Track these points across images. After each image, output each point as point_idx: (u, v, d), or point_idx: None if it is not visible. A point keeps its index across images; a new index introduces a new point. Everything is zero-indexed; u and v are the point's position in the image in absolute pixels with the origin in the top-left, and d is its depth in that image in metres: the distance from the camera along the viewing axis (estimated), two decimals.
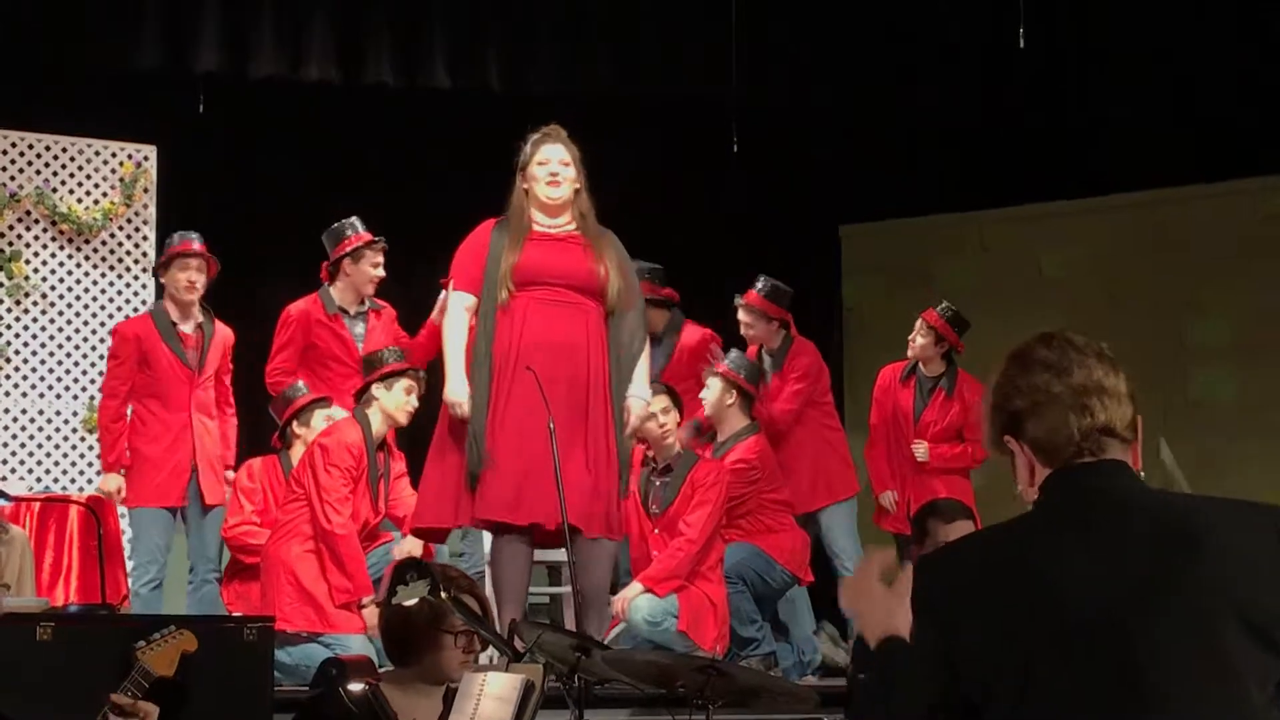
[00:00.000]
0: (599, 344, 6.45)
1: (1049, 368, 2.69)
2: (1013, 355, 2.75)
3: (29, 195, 9.38)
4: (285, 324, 8.27)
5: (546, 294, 6.43)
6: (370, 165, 10.90)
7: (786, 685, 5.81)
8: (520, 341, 6.37)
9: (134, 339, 7.94)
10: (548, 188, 6.50)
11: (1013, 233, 11.41)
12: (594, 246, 6.52)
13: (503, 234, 6.52)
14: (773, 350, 8.80)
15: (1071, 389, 2.67)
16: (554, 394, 6.25)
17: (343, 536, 7.29)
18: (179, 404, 7.92)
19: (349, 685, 4.52)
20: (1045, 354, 2.70)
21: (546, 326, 6.39)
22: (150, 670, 3.56)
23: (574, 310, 6.44)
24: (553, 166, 6.52)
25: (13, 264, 9.31)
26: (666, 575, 7.54)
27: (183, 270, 7.96)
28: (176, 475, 7.89)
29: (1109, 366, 2.70)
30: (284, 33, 10.12)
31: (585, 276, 6.47)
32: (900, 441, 8.92)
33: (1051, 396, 2.67)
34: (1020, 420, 2.71)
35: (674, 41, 10.84)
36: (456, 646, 4.44)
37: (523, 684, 4.14)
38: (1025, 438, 2.71)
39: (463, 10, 10.46)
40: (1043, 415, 2.68)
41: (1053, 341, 2.72)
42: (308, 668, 6.90)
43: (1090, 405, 2.66)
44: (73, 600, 8.09)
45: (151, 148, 9.69)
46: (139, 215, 9.62)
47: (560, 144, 6.57)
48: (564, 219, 6.56)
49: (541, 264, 6.44)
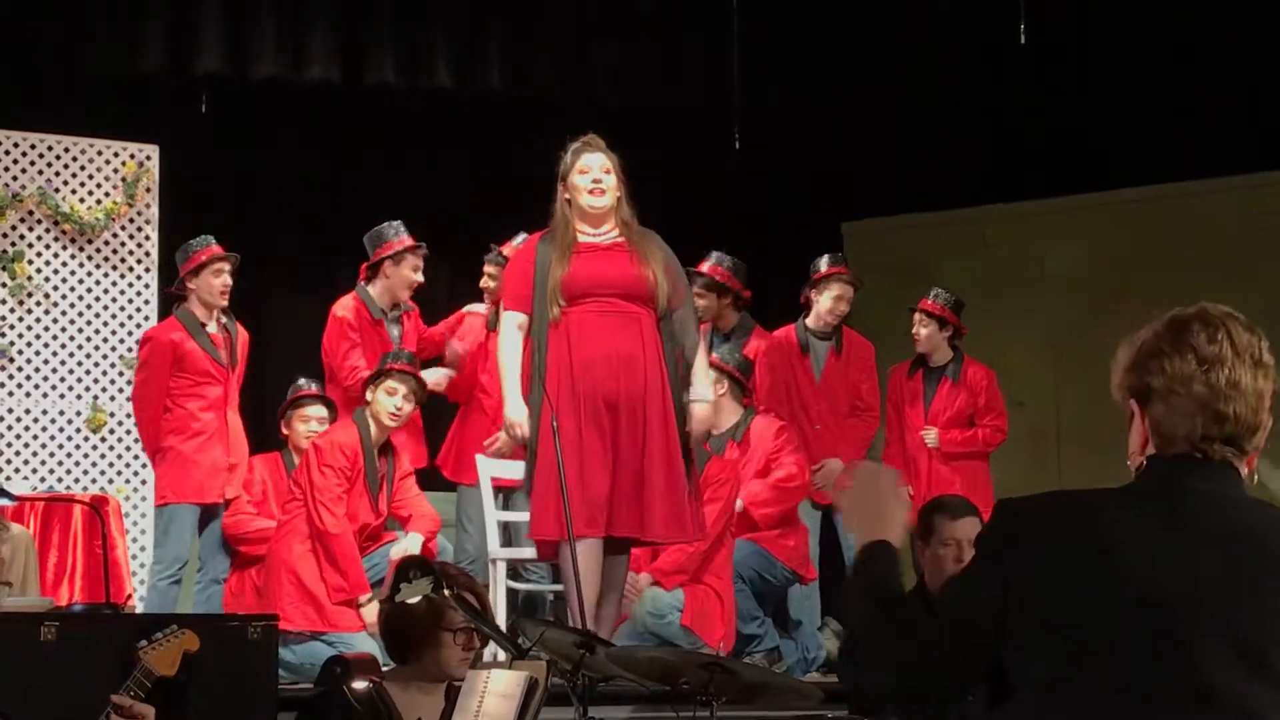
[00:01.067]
0: (654, 351, 6.43)
1: (1200, 359, 2.58)
2: (1172, 323, 2.64)
3: (31, 195, 9.38)
4: (343, 325, 8.21)
5: (597, 306, 6.41)
6: (372, 165, 10.90)
7: (790, 682, 5.80)
8: (574, 357, 6.35)
9: (168, 343, 7.93)
10: (590, 197, 6.48)
11: (1016, 229, 11.39)
12: (640, 251, 6.49)
13: (549, 248, 6.50)
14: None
15: (1211, 389, 2.58)
16: (614, 406, 6.30)
17: (336, 536, 7.31)
18: (215, 402, 7.96)
19: (353, 683, 4.53)
20: (1201, 341, 2.60)
21: (600, 340, 6.37)
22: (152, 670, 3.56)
23: (626, 320, 6.42)
24: (594, 174, 6.51)
25: (15, 264, 9.31)
26: (675, 569, 7.55)
27: (217, 275, 7.98)
28: (215, 473, 7.92)
29: (1259, 373, 2.60)
30: (286, 33, 10.12)
31: (635, 284, 6.44)
32: (914, 434, 8.89)
33: (1189, 391, 2.58)
34: (1150, 395, 2.62)
35: (676, 39, 10.84)
36: (456, 643, 4.45)
37: (526, 681, 4.14)
38: (1149, 413, 2.63)
39: (464, 10, 10.46)
40: (1173, 404, 2.59)
41: (1217, 331, 2.61)
42: (312, 666, 6.90)
43: (1224, 412, 2.57)
44: (77, 600, 8.09)
45: (154, 147, 9.68)
46: (141, 215, 9.62)
47: (601, 152, 6.56)
48: (607, 227, 6.54)
49: (590, 275, 6.42)
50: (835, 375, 8.79)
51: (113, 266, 9.54)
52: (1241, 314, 2.65)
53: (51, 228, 9.43)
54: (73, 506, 8.39)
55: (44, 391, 9.37)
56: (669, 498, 6.35)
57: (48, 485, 9.16)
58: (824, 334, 8.85)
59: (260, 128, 10.79)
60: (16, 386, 9.32)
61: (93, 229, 9.46)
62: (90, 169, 9.54)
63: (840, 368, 8.80)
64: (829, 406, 8.76)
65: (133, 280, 9.56)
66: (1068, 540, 2.56)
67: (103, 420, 9.40)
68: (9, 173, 9.39)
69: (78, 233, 9.45)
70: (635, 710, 6.40)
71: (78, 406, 9.40)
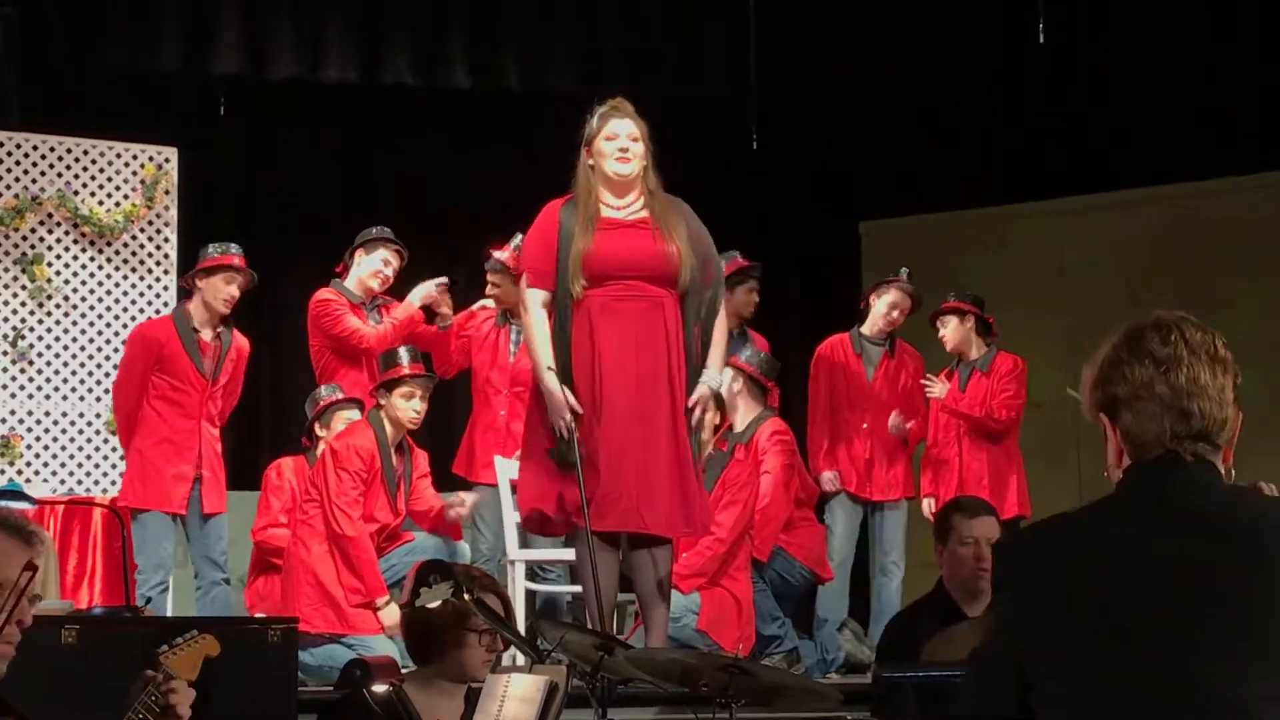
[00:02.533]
0: (677, 339, 6.16)
1: (1157, 362, 2.66)
2: (1127, 334, 2.71)
3: (50, 198, 9.40)
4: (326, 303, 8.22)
5: (619, 289, 6.12)
6: (390, 165, 10.91)
7: (809, 684, 5.79)
8: (596, 348, 6.10)
9: (153, 342, 7.88)
10: (616, 164, 6.18)
11: (1034, 228, 11.38)
12: (663, 227, 6.19)
13: (571, 215, 6.20)
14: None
15: (1173, 390, 2.65)
16: (640, 395, 6.07)
17: (353, 539, 7.29)
18: (190, 411, 7.83)
19: (373, 686, 4.53)
20: (1156, 345, 2.67)
21: (622, 330, 6.11)
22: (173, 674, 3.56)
23: (649, 306, 6.13)
24: (621, 142, 6.21)
25: (35, 266, 9.33)
26: (693, 572, 7.52)
27: (228, 283, 7.88)
28: (179, 482, 7.77)
29: (1218, 368, 2.68)
30: (303, 34, 10.15)
31: (660, 263, 6.15)
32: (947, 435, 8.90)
33: (1152, 394, 2.65)
34: (1116, 406, 2.69)
35: (693, 39, 10.84)
36: (480, 645, 4.45)
37: (546, 685, 4.15)
38: (1119, 424, 2.70)
39: (481, 10, 10.48)
40: (1139, 410, 2.67)
41: (1170, 334, 2.68)
42: (331, 668, 6.90)
43: (1188, 410, 2.65)
44: (97, 603, 8.10)
45: (172, 150, 9.69)
46: (160, 217, 9.63)
47: (629, 118, 6.27)
48: (632, 197, 6.25)
49: (613, 255, 6.12)
50: (886, 377, 8.83)
51: (131, 269, 9.55)
52: (1194, 316, 2.72)
53: (70, 230, 9.45)
54: (92, 509, 8.40)
55: (63, 394, 9.38)
56: (677, 494, 6.10)
57: (67, 488, 9.18)
58: (877, 341, 8.88)
59: (278, 129, 10.80)
60: (36, 389, 9.33)
61: (111, 231, 9.47)
62: (109, 171, 9.56)
63: (893, 370, 8.84)
64: (879, 406, 8.78)
65: (151, 282, 9.58)
66: (1060, 566, 2.64)
67: None
68: (28, 175, 9.41)
69: (96, 235, 9.46)
70: (655, 713, 6.40)
71: (97, 409, 9.41)
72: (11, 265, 9.33)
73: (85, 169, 9.52)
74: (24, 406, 9.31)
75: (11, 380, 9.30)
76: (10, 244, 9.33)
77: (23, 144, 9.45)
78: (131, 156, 9.62)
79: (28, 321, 9.33)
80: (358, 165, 10.93)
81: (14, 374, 9.30)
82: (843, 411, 8.81)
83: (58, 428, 9.35)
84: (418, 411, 7.59)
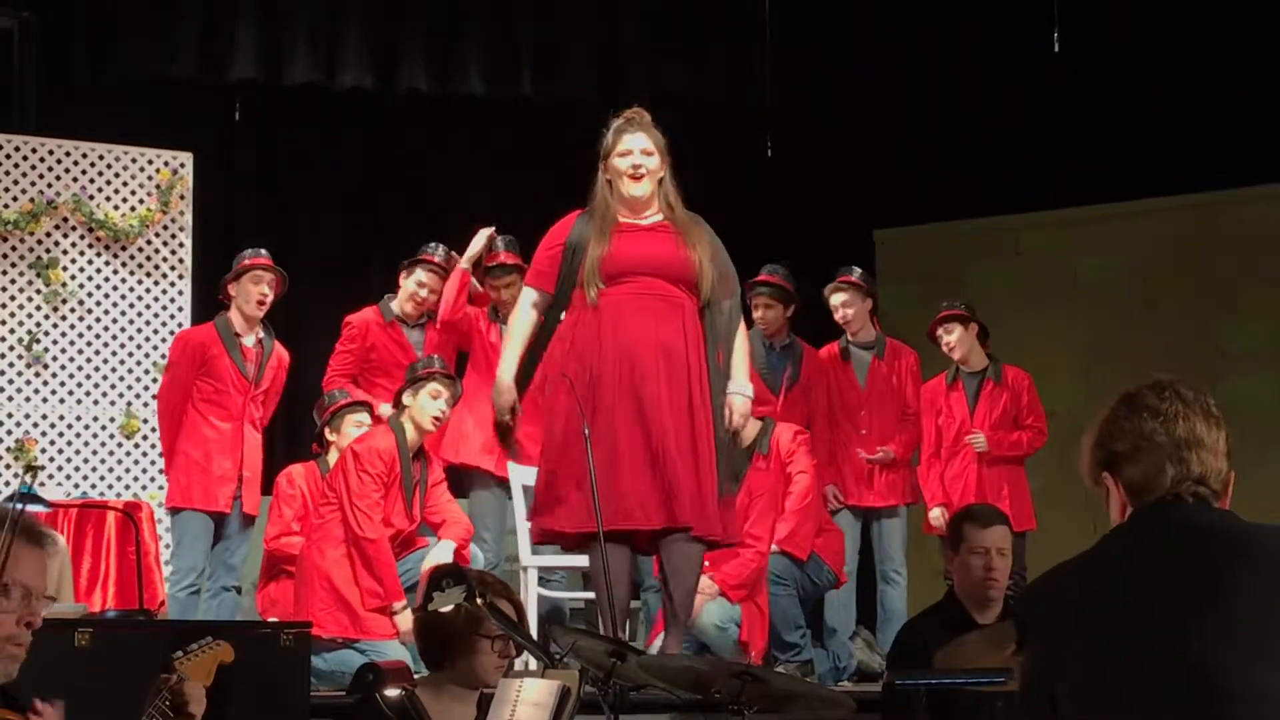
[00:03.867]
0: (695, 340, 6.09)
1: (1156, 415, 2.83)
2: (1124, 398, 2.88)
3: (66, 202, 9.42)
4: (345, 328, 8.41)
5: (638, 287, 6.07)
6: (405, 172, 10.92)
7: (822, 691, 5.78)
8: (608, 343, 6.02)
9: (197, 345, 7.97)
10: (630, 183, 6.15)
11: (1048, 237, 11.36)
12: (686, 235, 6.15)
13: (587, 225, 6.16)
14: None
15: (1173, 440, 2.81)
16: (657, 395, 5.98)
17: (374, 542, 7.29)
18: (234, 413, 7.95)
19: (385, 691, 4.53)
20: (1154, 402, 2.84)
21: (639, 325, 6.03)
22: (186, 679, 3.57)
23: (668, 305, 6.08)
24: (635, 158, 6.15)
25: (50, 271, 9.35)
26: (740, 583, 7.51)
27: (255, 284, 7.99)
28: (224, 482, 7.90)
29: (1212, 423, 2.84)
30: (318, 40, 10.17)
31: (680, 266, 6.10)
32: (959, 444, 8.85)
33: (1153, 444, 2.81)
34: (1119, 461, 2.85)
35: (707, 46, 10.85)
36: (493, 651, 4.45)
37: (559, 690, 4.15)
38: (1121, 478, 2.85)
39: (496, 16, 10.48)
40: (1141, 460, 2.82)
41: (1164, 391, 2.85)
42: (344, 673, 6.91)
43: (1187, 458, 2.80)
44: (110, 606, 8.11)
45: (188, 155, 9.71)
46: (175, 222, 9.65)
47: (642, 131, 6.19)
48: (650, 211, 6.21)
49: (631, 254, 6.09)
50: (879, 380, 8.79)
51: (146, 274, 9.57)
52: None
53: (86, 234, 9.47)
54: (106, 513, 8.42)
55: (78, 398, 9.40)
56: (698, 492, 6.01)
57: (81, 491, 9.19)
58: (865, 344, 8.85)
59: (293, 135, 10.82)
60: (50, 393, 9.36)
61: (127, 236, 9.49)
62: (124, 176, 9.58)
63: (884, 372, 8.80)
64: (875, 410, 8.75)
65: (166, 287, 9.59)
66: (1072, 597, 2.79)
67: (136, 426, 9.44)
68: (44, 180, 9.43)
69: (112, 239, 9.48)
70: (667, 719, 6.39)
71: (111, 413, 9.43)
72: (27, 269, 9.35)
73: (101, 173, 9.54)
74: (38, 410, 9.33)
75: (26, 384, 9.32)
76: (25, 248, 9.35)
77: (38, 148, 9.47)
78: (147, 161, 9.64)
79: (43, 325, 9.35)
80: (372, 171, 10.94)
81: (28, 378, 9.32)
82: (839, 420, 8.78)
83: (71, 431, 9.37)
84: (443, 411, 7.58)
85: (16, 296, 9.32)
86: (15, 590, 3.31)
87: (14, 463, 9.20)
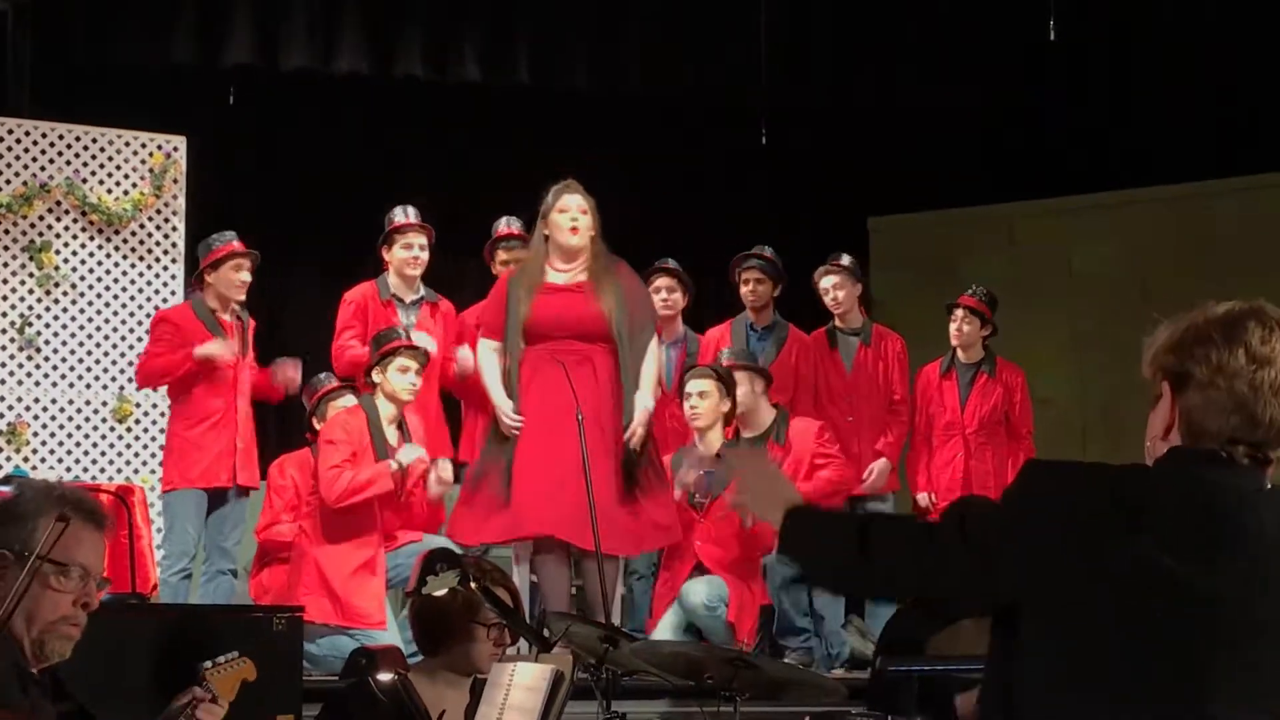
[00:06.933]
0: (608, 386, 7.09)
1: (1251, 357, 2.50)
2: (1227, 315, 2.56)
3: (59, 185, 9.40)
4: (344, 306, 8.33)
5: (552, 347, 7.08)
6: (400, 158, 10.91)
7: (815, 678, 5.78)
8: (534, 399, 7.06)
9: (178, 321, 7.96)
10: (569, 235, 7.15)
11: (1043, 226, 11.36)
12: (598, 290, 7.13)
13: (517, 286, 7.20)
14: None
15: (1254, 390, 2.49)
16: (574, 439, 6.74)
17: (343, 491, 7.22)
18: (225, 387, 7.92)
19: (378, 675, 4.53)
20: (1256, 340, 2.51)
21: (550, 385, 6.99)
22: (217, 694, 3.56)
23: (580, 360, 7.05)
24: (572, 215, 7.15)
25: (43, 254, 9.33)
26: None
27: (237, 270, 7.96)
28: (223, 457, 7.88)
29: None
30: (314, 25, 10.16)
31: (591, 325, 7.10)
32: (949, 433, 8.84)
33: (1231, 387, 2.50)
34: (1187, 383, 2.54)
35: (703, 35, 10.84)
36: (489, 638, 4.45)
37: (552, 674, 4.14)
38: (1182, 401, 2.55)
39: (494, 3, 10.47)
40: (1210, 398, 2.51)
41: (1272, 332, 2.53)
42: (335, 659, 6.90)
43: (1259, 416, 2.49)
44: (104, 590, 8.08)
45: (181, 139, 9.69)
46: (168, 206, 9.63)
47: (579, 194, 7.19)
48: (579, 262, 7.18)
49: (548, 318, 7.11)
50: (865, 366, 8.77)
51: (139, 257, 9.55)
52: None
53: (79, 218, 9.45)
54: (98, 496, 8.39)
55: (70, 381, 9.39)
56: (623, 516, 6.97)
57: (73, 475, 9.18)
58: (852, 330, 8.84)
59: (288, 120, 10.80)
60: (43, 376, 9.34)
61: (120, 219, 9.47)
62: (118, 160, 9.56)
63: (870, 358, 8.78)
64: (862, 397, 8.74)
65: (159, 271, 9.58)
66: (1091, 525, 2.47)
67: (128, 410, 9.42)
68: (36, 163, 9.41)
69: (105, 223, 9.46)
70: (661, 705, 6.40)
71: (104, 396, 9.42)
72: (20, 253, 9.33)
73: (94, 157, 9.53)
74: (30, 394, 9.31)
75: (19, 368, 9.31)
76: (18, 231, 9.34)
77: (31, 131, 9.45)
78: (140, 145, 9.62)
79: (35, 309, 9.34)
80: (367, 157, 10.92)
81: (20, 361, 9.31)
82: (824, 406, 8.76)
83: (64, 415, 9.36)
84: (413, 384, 7.54)
85: (9, 280, 9.31)
86: (74, 570, 3.32)
87: (5, 446, 9.18)
